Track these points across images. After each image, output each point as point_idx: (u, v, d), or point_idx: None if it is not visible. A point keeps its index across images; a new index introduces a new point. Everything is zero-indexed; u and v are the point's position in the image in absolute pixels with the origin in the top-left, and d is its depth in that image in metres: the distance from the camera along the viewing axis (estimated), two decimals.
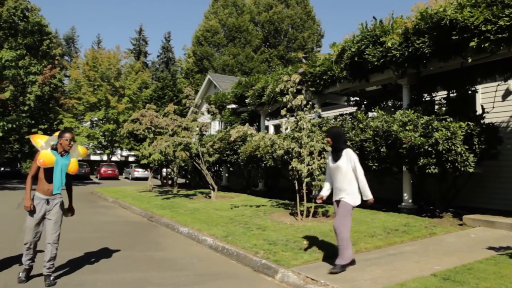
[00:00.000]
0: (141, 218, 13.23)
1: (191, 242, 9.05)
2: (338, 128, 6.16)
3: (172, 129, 16.38)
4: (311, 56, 13.88)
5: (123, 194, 20.23)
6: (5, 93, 29.43)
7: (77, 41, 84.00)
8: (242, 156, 15.63)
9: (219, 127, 26.37)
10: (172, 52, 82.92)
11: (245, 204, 13.30)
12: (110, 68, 48.71)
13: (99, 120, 48.96)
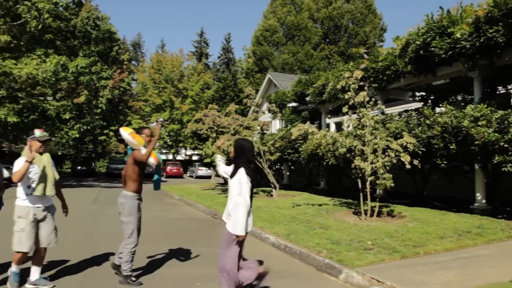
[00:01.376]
0: (205, 215, 13.36)
1: (254, 240, 8.97)
2: (245, 141, 4.96)
3: (234, 128, 16.42)
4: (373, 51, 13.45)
5: (188, 192, 20.53)
6: (81, 97, 30.83)
7: (143, 46, 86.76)
8: (304, 154, 15.42)
9: (280, 125, 26.23)
10: (232, 53, 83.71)
11: (307, 202, 13.09)
12: (174, 70, 49.72)
13: (165, 121, 50.15)
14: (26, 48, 24.95)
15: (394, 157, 9.19)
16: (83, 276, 6.02)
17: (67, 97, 29.94)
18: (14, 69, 21.25)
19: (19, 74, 21.44)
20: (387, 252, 6.71)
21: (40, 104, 25.23)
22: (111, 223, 11.01)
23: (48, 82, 23.51)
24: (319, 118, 18.59)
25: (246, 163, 4.73)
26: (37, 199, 5.40)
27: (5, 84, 22.18)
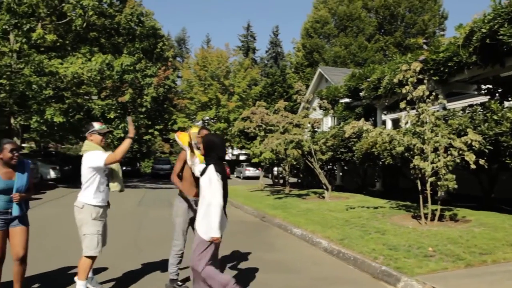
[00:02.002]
0: (253, 218, 13.43)
1: (305, 244, 8.95)
2: (214, 137, 4.95)
3: (283, 126, 16.41)
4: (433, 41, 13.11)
5: (235, 194, 20.68)
6: (125, 96, 31.70)
7: (187, 41, 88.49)
8: (357, 153, 15.23)
9: (332, 123, 26.01)
10: (281, 47, 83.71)
11: (362, 205, 12.91)
12: (220, 66, 50.25)
13: (211, 119, 50.76)
14: (71, 47, 25.93)
15: (457, 156, 8.91)
16: (128, 279, 6.19)
17: (112, 96, 30.84)
18: (60, 68, 22.13)
19: (65, 74, 22.31)
20: (450, 260, 6.52)
21: (85, 103, 26.15)
22: (157, 225, 11.26)
23: (93, 81, 24.33)
24: (374, 114, 18.30)
25: (216, 159, 4.68)
26: (105, 198, 5.43)
27: (51, 84, 23.11)
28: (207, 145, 4.75)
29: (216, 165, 4.58)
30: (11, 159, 4.85)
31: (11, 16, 21.70)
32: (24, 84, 21.25)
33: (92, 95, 27.75)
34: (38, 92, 22.10)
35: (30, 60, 21.21)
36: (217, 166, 4.58)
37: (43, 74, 21.84)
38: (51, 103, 23.81)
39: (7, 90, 21.92)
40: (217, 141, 4.78)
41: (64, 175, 26.72)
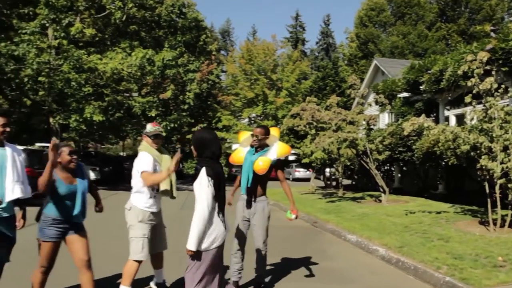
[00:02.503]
0: (304, 222, 13.40)
1: (360, 252, 8.94)
2: (205, 133, 4.50)
3: (336, 123, 16.34)
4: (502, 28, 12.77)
5: (284, 196, 20.13)
6: (167, 92, 32.28)
7: (232, 33, 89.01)
8: (418, 153, 15.00)
9: (389, 119, 25.68)
10: (333, 37, 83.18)
11: (422, 209, 12.73)
12: (266, 60, 50.30)
13: (257, 117, 50.95)
14: (111, 41, 26.62)
15: None
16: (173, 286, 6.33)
17: (153, 92, 31.51)
18: (99, 64, 22.80)
19: (104, 70, 22.95)
20: None
21: (126, 101, 26.81)
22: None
23: (133, 77, 24.94)
24: (436, 110, 17.97)
25: (208, 161, 4.28)
26: (156, 202, 5.68)
27: (91, 81, 23.84)
28: (197, 144, 4.37)
29: (208, 168, 4.18)
30: (69, 163, 4.97)
31: (49, 10, 22.50)
32: (63, 81, 22.04)
33: (132, 92, 28.44)
34: (77, 89, 22.86)
35: (69, 56, 21.96)
36: (209, 169, 4.17)
37: (82, 70, 22.60)
38: (90, 101, 24.56)
39: (45, 87, 22.78)
40: (208, 137, 4.38)
41: (104, 176, 27.45)
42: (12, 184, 4.59)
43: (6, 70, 21.67)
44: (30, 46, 21.18)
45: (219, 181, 4.25)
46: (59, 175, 4.95)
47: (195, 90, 39.00)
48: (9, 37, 22.68)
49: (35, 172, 16.23)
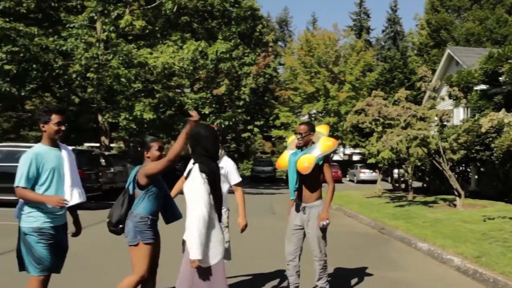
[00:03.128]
0: (369, 229, 13.37)
1: (432, 262, 8.80)
2: (202, 128, 4.46)
3: (405, 120, 16.09)
4: None
5: (348, 200, 20.69)
6: (221, 88, 32.62)
7: (290, 23, 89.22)
8: (497, 152, 14.60)
9: (464, 115, 25.07)
10: (400, 25, 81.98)
11: (503, 215, 12.40)
12: (328, 51, 50.04)
13: (318, 113, 50.75)
14: (161, 33, 27.11)
15: None
16: None
17: (206, 88, 31.94)
18: (149, 58, 23.28)
19: (155, 64, 23.41)
20: None
21: (177, 97, 27.23)
22: (258, 237, 11.44)
23: (185, 71, 25.30)
24: None
25: (203, 157, 4.20)
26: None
27: (140, 77, 24.37)
28: (192, 139, 4.30)
29: (202, 164, 4.10)
30: (159, 159, 4.95)
31: (97, 2, 23.18)
32: (112, 77, 22.66)
33: (184, 88, 28.89)
34: (126, 85, 23.48)
35: (118, 51, 22.56)
36: (203, 166, 4.09)
37: (131, 65, 23.13)
38: (140, 98, 25.14)
39: (94, 84, 23.50)
40: (204, 134, 4.30)
41: None
42: (71, 189, 4.67)
43: (55, 67, 22.56)
44: (79, 41, 21.94)
45: (214, 180, 4.15)
46: None
47: (251, 85, 39.27)
48: (57, 31, 23.52)
49: (85, 173, 16.77)
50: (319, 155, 5.84)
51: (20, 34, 20.96)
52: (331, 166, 6.19)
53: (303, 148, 5.93)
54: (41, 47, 21.93)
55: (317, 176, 5.90)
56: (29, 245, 4.43)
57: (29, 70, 22.50)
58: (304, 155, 5.85)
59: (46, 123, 4.55)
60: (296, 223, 5.98)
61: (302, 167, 5.78)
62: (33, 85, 23.24)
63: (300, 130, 5.92)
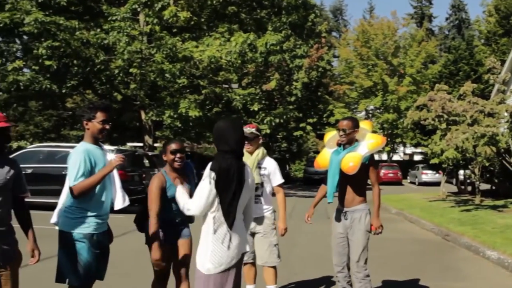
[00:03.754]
0: (433, 235, 13.21)
1: (503, 272, 8.58)
2: (221, 122, 4.28)
3: (471, 116, 15.75)
4: None
5: (409, 204, 20.47)
6: (271, 82, 32.50)
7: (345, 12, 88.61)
8: None
9: None
10: (466, 11, 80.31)
11: None
12: (386, 41, 49.43)
13: (376, 109, 50.18)
14: (207, 25, 27.19)
15: None
16: None
17: (255, 83, 31.90)
18: (195, 52, 23.37)
19: (201, 58, 23.47)
20: None
21: (225, 93, 27.25)
22: (312, 243, 11.48)
23: (233, 65, 25.30)
24: None
25: (223, 153, 4.03)
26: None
27: (186, 71, 24.50)
28: (214, 136, 4.19)
29: (214, 161, 3.98)
30: (172, 161, 5.03)
31: None
32: (156, 72, 22.88)
33: (232, 83, 28.90)
34: (171, 81, 23.65)
35: (162, 44, 22.74)
36: (215, 163, 3.95)
37: (176, 60, 23.30)
38: (186, 94, 25.28)
39: (137, 80, 23.79)
40: (223, 127, 4.13)
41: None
42: (121, 191, 4.73)
43: (96, 62, 22.94)
44: (121, 34, 22.19)
45: (229, 182, 3.94)
46: (169, 175, 5.07)
47: (303, 79, 39.06)
48: (99, 24, 23.95)
49: (128, 175, 16.94)
50: (366, 153, 5.65)
51: (60, 28, 21.35)
52: (376, 167, 6.02)
53: (346, 146, 5.74)
54: (82, 42, 22.36)
55: (361, 177, 5.73)
56: (76, 252, 4.36)
57: (69, 66, 23.10)
58: (348, 153, 5.65)
59: (90, 121, 4.54)
60: (339, 231, 5.89)
61: (347, 167, 5.58)
62: (74, 82, 23.76)
63: (344, 126, 5.70)
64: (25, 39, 24.58)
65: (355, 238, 5.74)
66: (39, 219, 13.07)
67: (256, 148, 6.16)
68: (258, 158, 6.14)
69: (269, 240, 6.14)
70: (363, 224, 5.75)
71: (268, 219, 6.18)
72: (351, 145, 5.71)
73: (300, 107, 41.10)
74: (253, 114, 27.99)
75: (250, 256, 6.15)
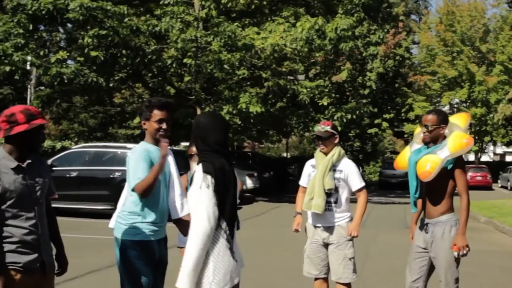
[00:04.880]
0: None
1: None
2: (203, 116, 4.19)
3: None
4: None
5: (501, 211, 19.97)
6: (341, 73, 31.96)
7: None
8: None
9: None
10: None
11: None
12: (474, 24, 48.27)
13: (461, 103, 49.02)
14: (270, 9, 26.78)
15: None
16: None
17: (323, 74, 31.47)
18: (256, 40, 23.03)
19: (263, 47, 23.12)
20: None
21: (289, 85, 26.83)
22: (388, 255, 11.25)
23: (298, 54, 24.92)
24: None
25: (208, 153, 3.79)
26: (315, 216, 6.11)
27: (246, 62, 24.20)
28: (193, 133, 4.00)
29: (206, 163, 3.73)
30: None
31: None
32: (213, 63, 22.66)
33: (298, 75, 28.50)
34: (229, 73, 23.46)
35: (220, 31, 22.54)
36: (207, 165, 3.71)
37: (235, 48, 23.07)
38: (246, 87, 25.00)
39: (192, 72, 23.65)
40: (204, 122, 3.97)
41: (263, 184, 27.70)
42: (181, 199, 4.69)
43: (147, 52, 22.99)
44: (174, 20, 22.15)
45: (226, 183, 3.75)
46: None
47: (378, 69, 38.47)
48: (150, 9, 23.97)
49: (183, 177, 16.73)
50: (446, 156, 5.18)
51: (107, 15, 21.51)
52: (465, 171, 5.45)
53: (430, 145, 5.34)
54: (131, 29, 22.45)
55: (444, 184, 5.27)
56: (129, 261, 4.43)
57: (118, 57, 23.27)
58: (427, 154, 5.26)
59: (147, 120, 4.62)
60: (419, 244, 5.50)
61: (422, 171, 5.24)
62: (122, 74, 24.03)
63: (427, 121, 5.30)
64: (69, 27, 24.97)
65: (439, 257, 5.35)
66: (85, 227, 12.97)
67: (331, 148, 6.08)
68: (333, 160, 6.05)
69: (343, 253, 6.00)
70: (446, 240, 5.31)
71: (343, 229, 6.03)
72: (436, 144, 5.32)
73: (375, 101, 40.54)
74: (321, 109, 27.72)
75: (323, 270, 6.11)
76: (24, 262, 3.81)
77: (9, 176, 3.78)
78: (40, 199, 3.96)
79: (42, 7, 21.27)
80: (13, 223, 3.81)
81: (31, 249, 3.86)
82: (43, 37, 23.85)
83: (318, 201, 5.97)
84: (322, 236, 6.08)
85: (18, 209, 3.82)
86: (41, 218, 3.96)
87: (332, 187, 5.96)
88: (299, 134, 37.36)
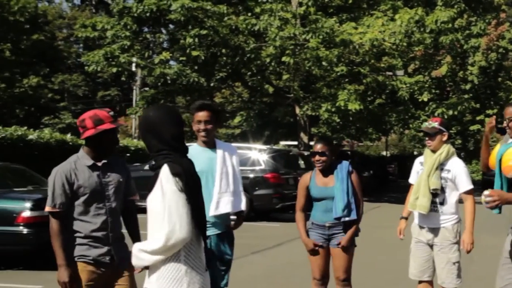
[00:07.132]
0: None
1: None
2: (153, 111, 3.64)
3: None
4: None
5: None
6: (441, 68, 31.78)
7: None
8: None
9: None
10: None
11: None
12: None
13: None
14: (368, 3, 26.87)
15: None
16: None
17: (423, 69, 31.25)
18: (354, 35, 23.27)
19: (361, 42, 23.29)
20: None
21: (389, 82, 26.90)
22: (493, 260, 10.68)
23: (397, 49, 25.00)
24: None
25: (169, 154, 3.39)
26: (421, 216, 6.13)
27: (344, 58, 24.57)
28: (141, 130, 3.58)
29: (172, 164, 3.31)
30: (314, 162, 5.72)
31: None
32: (311, 60, 23.23)
33: (397, 70, 28.50)
34: (327, 70, 23.90)
35: (318, 28, 22.96)
36: (174, 166, 3.31)
37: (333, 45, 23.47)
38: (344, 84, 25.31)
39: (290, 70, 24.22)
40: (154, 116, 3.52)
41: (363, 184, 27.74)
42: (218, 196, 5.06)
43: (246, 50, 23.73)
44: (272, 18, 22.80)
45: (196, 182, 3.52)
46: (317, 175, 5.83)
47: (480, 63, 37.78)
48: (248, 8, 24.88)
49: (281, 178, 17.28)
50: None
51: (208, 14, 22.44)
52: None
53: None
54: (230, 28, 23.35)
55: None
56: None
57: (218, 56, 24.15)
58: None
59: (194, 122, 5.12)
60: (509, 249, 5.39)
61: (505, 165, 4.91)
62: (222, 74, 24.69)
63: (509, 113, 5.01)
64: (171, 28, 26.00)
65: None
66: None
67: (439, 146, 6.04)
68: (440, 158, 6.00)
69: (447, 257, 5.94)
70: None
71: (448, 231, 5.98)
72: None
73: (477, 96, 39.79)
74: (421, 106, 27.59)
75: (426, 272, 6.10)
76: (93, 256, 4.18)
77: (84, 174, 4.17)
78: (113, 196, 4.29)
79: (146, 9, 22.32)
80: (85, 219, 4.19)
81: (101, 243, 4.22)
82: (147, 39, 24.79)
83: (423, 201, 5.91)
84: (427, 237, 6.03)
85: (90, 205, 4.19)
86: (113, 215, 4.30)
87: (437, 187, 5.90)
88: (398, 132, 37.16)
